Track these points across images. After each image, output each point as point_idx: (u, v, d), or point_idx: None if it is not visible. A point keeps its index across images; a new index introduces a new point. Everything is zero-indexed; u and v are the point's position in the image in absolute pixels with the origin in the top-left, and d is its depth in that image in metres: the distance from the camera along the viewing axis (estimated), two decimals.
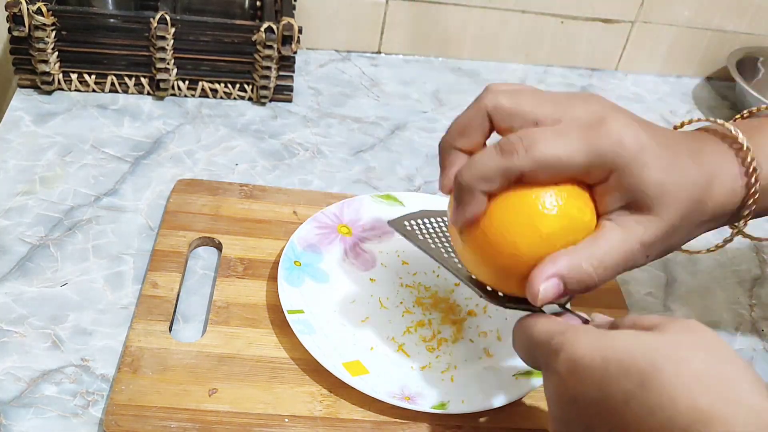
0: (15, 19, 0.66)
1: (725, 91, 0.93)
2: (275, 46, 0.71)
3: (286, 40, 0.71)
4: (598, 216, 0.42)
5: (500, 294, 0.45)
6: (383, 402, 0.48)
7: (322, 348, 0.50)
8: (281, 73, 0.74)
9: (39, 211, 0.59)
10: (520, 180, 0.40)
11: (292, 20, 0.70)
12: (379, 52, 0.88)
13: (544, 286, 0.40)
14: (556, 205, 0.40)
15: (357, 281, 0.57)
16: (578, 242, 0.41)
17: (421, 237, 0.49)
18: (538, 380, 0.50)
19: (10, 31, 0.67)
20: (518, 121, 0.41)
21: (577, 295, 0.42)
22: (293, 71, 0.75)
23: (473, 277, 0.46)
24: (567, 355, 0.37)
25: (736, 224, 0.47)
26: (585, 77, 0.91)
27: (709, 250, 0.52)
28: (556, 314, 0.43)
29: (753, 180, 0.44)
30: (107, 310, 0.53)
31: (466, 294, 0.57)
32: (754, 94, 0.82)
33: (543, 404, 0.51)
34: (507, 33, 0.88)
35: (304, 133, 0.73)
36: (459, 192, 0.42)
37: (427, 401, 0.49)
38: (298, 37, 0.71)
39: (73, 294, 0.54)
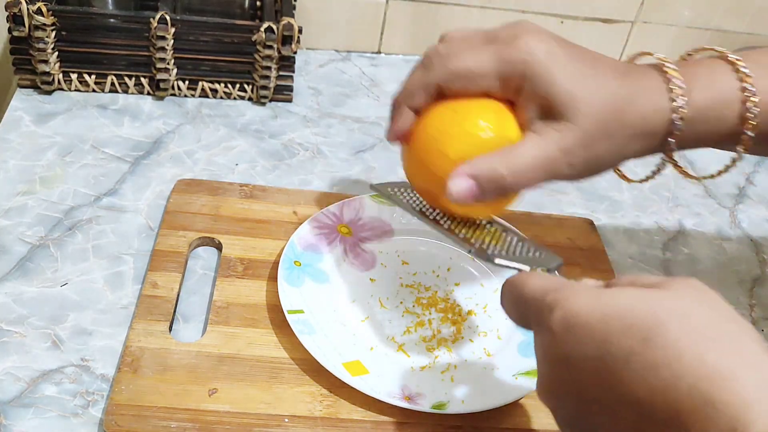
0: (15, 19, 0.66)
1: None
2: (275, 46, 0.71)
3: (286, 40, 0.71)
4: (522, 131, 0.45)
5: (489, 250, 0.45)
6: (383, 402, 0.48)
7: (322, 348, 0.50)
8: (281, 73, 0.74)
9: (39, 211, 0.59)
10: (443, 95, 0.45)
11: (292, 20, 0.70)
12: (379, 52, 0.88)
13: (458, 182, 0.43)
14: (473, 114, 0.44)
15: (357, 281, 0.57)
16: None
17: (405, 200, 0.51)
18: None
19: (10, 31, 0.67)
20: (462, 81, 0.45)
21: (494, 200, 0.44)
22: (293, 71, 0.75)
23: (462, 235, 0.47)
24: (563, 311, 0.35)
25: (670, 151, 0.47)
26: None
27: (641, 181, 0.51)
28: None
29: (678, 97, 0.44)
30: (107, 310, 0.53)
31: (466, 294, 0.57)
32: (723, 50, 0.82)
33: (542, 404, 0.51)
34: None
35: (304, 133, 0.73)
36: (391, 110, 0.48)
37: (427, 401, 0.49)
38: (298, 37, 0.71)
39: (73, 294, 0.54)
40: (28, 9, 0.66)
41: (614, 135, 0.44)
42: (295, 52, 0.72)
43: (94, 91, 0.73)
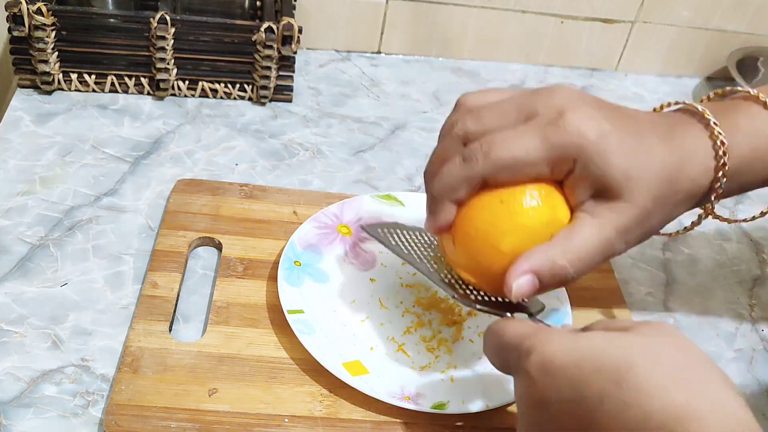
0: (15, 19, 0.66)
1: None
2: (275, 46, 0.71)
3: (286, 40, 0.71)
4: (572, 211, 0.43)
5: (472, 296, 0.46)
6: (383, 402, 0.48)
7: (322, 348, 0.50)
8: (281, 73, 0.74)
9: (39, 211, 0.59)
10: (487, 184, 0.43)
11: (292, 20, 0.70)
12: (379, 52, 0.88)
13: (518, 282, 0.41)
14: (522, 204, 0.42)
15: (357, 281, 0.57)
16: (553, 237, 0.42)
17: (394, 242, 0.51)
18: None
19: (10, 31, 0.67)
20: (509, 172, 0.42)
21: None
22: (293, 71, 0.75)
23: (446, 279, 0.47)
24: (539, 356, 0.36)
25: (708, 204, 0.47)
26: (585, 77, 0.91)
27: (678, 233, 0.52)
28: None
29: (721, 153, 0.44)
30: (107, 310, 0.53)
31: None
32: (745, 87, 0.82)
33: None
34: (507, 33, 0.88)
35: (304, 133, 0.73)
36: (430, 203, 0.45)
37: (427, 401, 0.49)
38: (298, 37, 0.71)
39: (73, 294, 0.54)
40: (28, 9, 0.66)
41: (666, 204, 0.43)
42: (295, 52, 0.72)
43: (94, 91, 0.73)
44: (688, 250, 0.68)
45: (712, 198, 0.46)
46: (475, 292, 0.46)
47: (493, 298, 0.46)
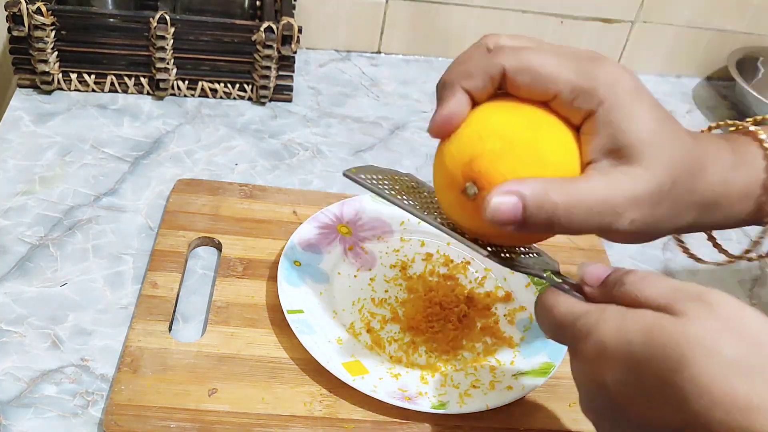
0: (14, 19, 0.66)
1: (725, 91, 0.93)
2: (275, 45, 0.71)
3: (286, 39, 0.71)
4: (583, 169, 0.38)
5: (479, 241, 0.42)
6: (383, 402, 0.48)
7: (322, 348, 0.50)
8: (281, 72, 0.74)
9: (39, 211, 0.59)
10: (502, 91, 0.39)
11: (291, 20, 0.70)
12: (378, 52, 0.87)
13: (501, 199, 0.36)
14: (540, 129, 0.38)
15: (357, 281, 0.57)
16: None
17: (386, 190, 0.45)
18: (538, 380, 0.50)
19: (9, 30, 0.67)
20: (531, 77, 0.38)
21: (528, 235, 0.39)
22: (293, 71, 0.75)
23: (442, 222, 0.43)
24: (593, 340, 0.35)
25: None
26: None
27: (723, 263, 0.47)
28: (557, 285, 0.40)
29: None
30: (107, 310, 0.53)
31: (466, 294, 0.57)
32: (754, 94, 0.82)
33: (543, 404, 0.51)
34: (507, 33, 0.87)
35: (304, 133, 0.73)
36: (440, 90, 0.40)
37: (427, 401, 0.49)
38: (298, 36, 0.71)
39: (73, 294, 0.54)
40: (27, 9, 0.66)
41: (681, 197, 0.39)
42: (295, 52, 0.72)
43: (93, 90, 0.73)
44: None
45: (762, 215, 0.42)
46: (497, 248, 0.42)
47: (502, 251, 0.42)
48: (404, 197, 0.44)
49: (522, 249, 0.44)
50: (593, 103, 0.37)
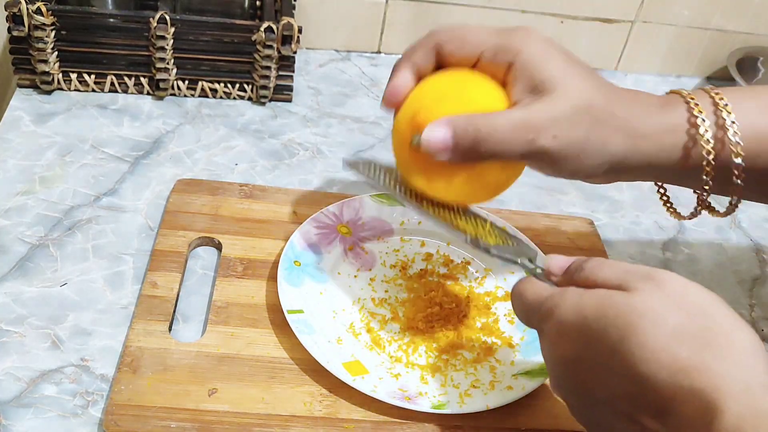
0: (14, 19, 0.66)
1: None
2: (275, 45, 0.71)
3: (286, 39, 0.71)
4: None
5: (470, 236, 0.46)
6: (383, 402, 0.48)
7: (322, 348, 0.50)
8: (281, 72, 0.74)
9: (39, 211, 0.59)
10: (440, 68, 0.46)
11: (291, 20, 0.70)
12: (378, 52, 0.87)
13: (434, 128, 0.43)
14: (469, 81, 0.45)
15: (357, 281, 0.57)
16: None
17: (381, 180, 0.50)
18: (537, 380, 0.50)
19: (9, 30, 0.67)
20: (459, 42, 0.46)
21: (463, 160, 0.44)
22: (293, 71, 0.75)
23: (449, 221, 0.47)
24: (554, 319, 0.39)
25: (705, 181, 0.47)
26: None
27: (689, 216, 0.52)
28: (530, 271, 0.44)
29: (700, 121, 0.46)
30: (107, 310, 0.53)
31: (466, 293, 0.57)
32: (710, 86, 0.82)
33: (543, 404, 0.51)
34: None
35: (303, 133, 0.73)
36: (391, 74, 0.48)
37: (427, 401, 0.49)
38: (298, 36, 0.71)
39: (73, 294, 0.54)
40: (27, 9, 0.66)
41: (601, 122, 0.44)
42: (295, 52, 0.72)
43: (93, 90, 0.73)
44: (688, 250, 0.68)
45: (705, 154, 0.46)
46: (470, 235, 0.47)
47: (481, 240, 0.46)
48: (398, 187, 0.49)
49: (500, 237, 0.48)
50: (511, 54, 0.44)
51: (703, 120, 0.45)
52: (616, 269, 0.38)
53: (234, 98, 0.75)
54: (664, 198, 0.53)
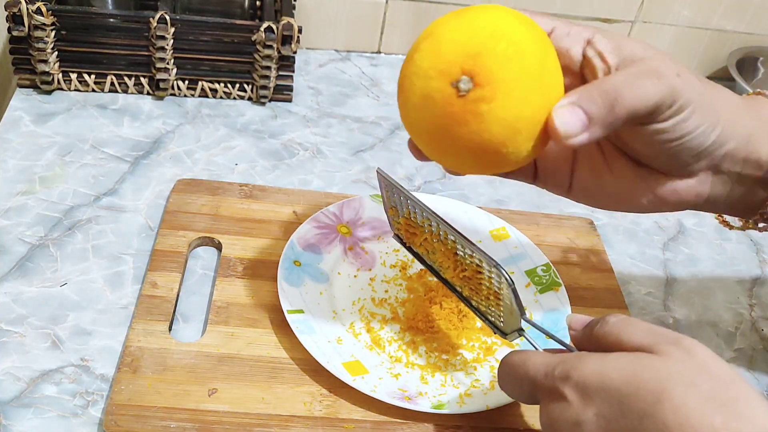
0: (14, 19, 0.66)
1: None
2: (275, 45, 0.71)
3: (286, 39, 0.71)
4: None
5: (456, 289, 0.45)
6: (383, 402, 0.48)
7: (322, 348, 0.50)
8: (281, 72, 0.74)
9: (39, 211, 0.59)
10: None
11: (291, 20, 0.70)
12: (378, 52, 0.88)
13: (562, 113, 0.37)
14: (545, 40, 0.39)
15: (357, 281, 0.57)
16: None
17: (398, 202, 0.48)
18: None
19: (9, 30, 0.67)
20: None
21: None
22: (293, 71, 0.75)
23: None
24: (575, 379, 0.37)
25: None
26: None
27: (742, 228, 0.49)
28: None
29: None
30: (107, 310, 0.53)
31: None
32: None
33: None
34: None
35: (303, 133, 0.73)
36: None
37: (426, 401, 0.49)
38: (298, 36, 0.71)
39: (73, 294, 0.54)
40: (27, 9, 0.66)
41: (704, 106, 0.40)
42: (295, 52, 0.72)
43: (93, 90, 0.73)
44: (688, 250, 0.68)
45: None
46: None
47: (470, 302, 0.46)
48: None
49: (491, 301, 0.47)
50: (586, 33, 0.40)
51: None
52: (642, 329, 0.38)
53: (234, 98, 0.75)
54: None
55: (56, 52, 0.69)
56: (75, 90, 0.72)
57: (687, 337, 0.37)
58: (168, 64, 0.71)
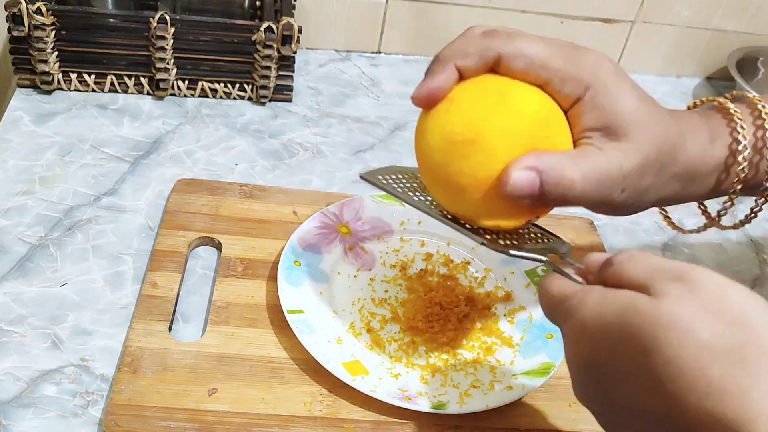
0: (14, 19, 0.66)
1: (725, 90, 0.93)
2: (275, 45, 0.71)
3: (286, 39, 0.71)
4: (574, 144, 0.41)
5: (501, 242, 0.42)
6: (383, 402, 0.48)
7: (322, 348, 0.50)
8: (281, 72, 0.74)
9: (39, 211, 0.59)
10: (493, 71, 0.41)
11: (291, 20, 0.70)
12: (378, 52, 0.88)
13: (519, 174, 0.38)
14: (533, 95, 0.39)
15: (357, 281, 0.57)
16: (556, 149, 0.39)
17: (399, 189, 0.46)
18: (538, 380, 0.50)
19: (9, 30, 0.67)
20: (524, 62, 0.40)
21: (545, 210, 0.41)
22: (293, 71, 0.75)
23: (468, 226, 0.43)
24: (575, 320, 0.36)
25: (733, 195, 0.46)
26: None
27: (704, 227, 0.50)
28: (556, 268, 0.40)
29: (741, 137, 0.44)
30: (107, 310, 0.53)
31: (466, 293, 0.57)
32: (754, 93, 0.82)
33: (543, 404, 0.51)
34: None
35: (304, 133, 0.73)
36: (433, 64, 0.41)
37: (427, 401, 0.49)
38: (298, 36, 0.71)
39: (73, 294, 0.54)
40: (27, 9, 0.66)
41: (664, 169, 0.42)
42: (295, 52, 0.72)
43: (93, 90, 0.73)
44: (688, 250, 0.68)
45: (735, 183, 0.44)
46: (502, 236, 0.43)
47: (522, 241, 0.43)
48: (417, 194, 0.46)
49: (526, 234, 0.45)
50: (581, 89, 0.40)
51: (745, 147, 0.44)
52: (644, 266, 0.34)
53: (234, 98, 0.75)
54: (663, 213, 0.52)
55: (56, 52, 0.69)
56: (75, 90, 0.72)
57: (696, 268, 0.33)
58: (168, 64, 0.71)
